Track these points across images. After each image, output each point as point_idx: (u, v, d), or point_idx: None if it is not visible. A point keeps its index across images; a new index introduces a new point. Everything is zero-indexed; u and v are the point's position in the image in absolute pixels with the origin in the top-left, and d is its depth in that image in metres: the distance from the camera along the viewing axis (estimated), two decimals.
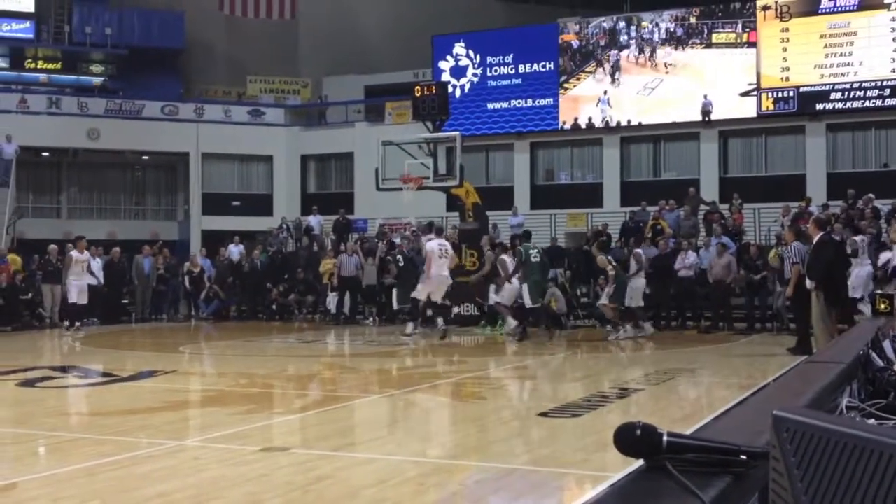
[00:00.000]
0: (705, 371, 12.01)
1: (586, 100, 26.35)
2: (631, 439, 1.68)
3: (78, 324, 18.47)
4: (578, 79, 26.47)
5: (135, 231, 27.69)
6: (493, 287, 17.30)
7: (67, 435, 7.35)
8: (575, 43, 26.57)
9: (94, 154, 29.34)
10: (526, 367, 12.96)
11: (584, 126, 26.31)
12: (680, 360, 12.88)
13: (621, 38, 26.04)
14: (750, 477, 1.72)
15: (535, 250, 16.62)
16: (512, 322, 16.29)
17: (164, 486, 5.53)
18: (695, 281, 18.78)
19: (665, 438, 1.66)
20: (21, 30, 33.01)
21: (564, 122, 26.53)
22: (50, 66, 33.62)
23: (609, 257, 16.65)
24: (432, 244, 16.24)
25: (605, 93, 25.97)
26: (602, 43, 26.28)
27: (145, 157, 30.48)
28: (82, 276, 18.52)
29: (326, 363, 14.18)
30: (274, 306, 22.49)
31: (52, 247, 20.75)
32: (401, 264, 18.29)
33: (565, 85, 26.58)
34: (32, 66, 33.45)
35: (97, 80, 33.50)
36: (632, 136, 26.36)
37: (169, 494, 5.27)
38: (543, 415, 8.03)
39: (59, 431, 7.58)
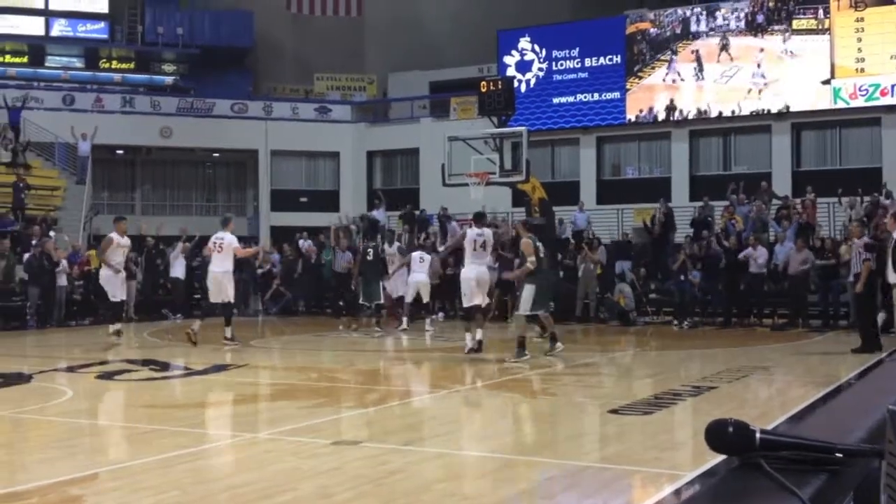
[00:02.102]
0: (779, 369, 11.76)
1: (660, 88, 25.90)
2: (723, 436, 1.64)
3: (118, 326, 15.37)
4: (653, 67, 26.07)
5: (206, 227, 28.07)
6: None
7: (144, 426, 7.50)
8: (652, 31, 26.13)
9: (167, 152, 29.99)
10: (594, 363, 12.85)
11: (661, 118, 25.82)
12: (752, 358, 12.64)
13: (699, 27, 25.52)
14: (846, 475, 1.67)
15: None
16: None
17: (239, 478, 5.63)
18: (767, 277, 18.39)
19: (758, 436, 1.62)
20: (95, 30, 33.92)
21: (641, 111, 26.08)
22: (124, 65, 34.51)
23: (538, 244, 12.28)
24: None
25: (759, 66, 24.70)
26: (678, 31, 25.80)
27: (216, 155, 31.02)
28: (121, 264, 15.36)
29: (393, 358, 14.25)
30: (341, 302, 22.65)
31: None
32: (370, 258, 16.88)
33: (639, 74, 26.17)
34: (107, 65, 34.36)
35: (169, 80, 34.27)
36: (701, 130, 25.92)
37: (243, 486, 5.35)
38: (614, 412, 7.94)
39: (136, 423, 7.75)
